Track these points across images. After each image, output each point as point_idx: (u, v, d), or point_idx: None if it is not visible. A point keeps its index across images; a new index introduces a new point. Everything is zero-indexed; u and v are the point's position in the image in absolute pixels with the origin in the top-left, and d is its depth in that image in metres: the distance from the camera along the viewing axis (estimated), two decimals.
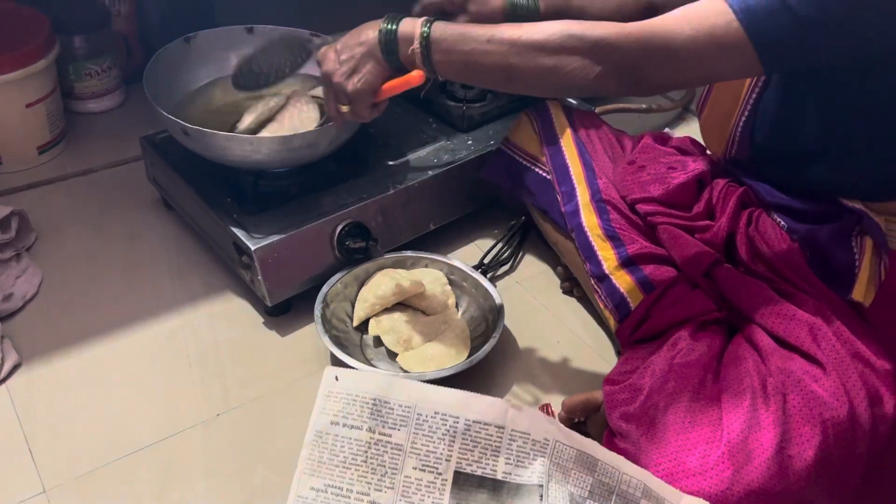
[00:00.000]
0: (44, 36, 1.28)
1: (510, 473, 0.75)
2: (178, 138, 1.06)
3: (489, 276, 1.16)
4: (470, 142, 1.23)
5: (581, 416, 0.91)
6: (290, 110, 1.14)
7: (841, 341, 0.80)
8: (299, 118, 1.12)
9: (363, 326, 1.06)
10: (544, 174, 1.10)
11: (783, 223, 0.91)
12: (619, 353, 1.05)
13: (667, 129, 1.30)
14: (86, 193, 1.29)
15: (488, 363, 1.02)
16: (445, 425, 0.76)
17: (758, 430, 0.74)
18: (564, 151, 1.09)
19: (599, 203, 1.02)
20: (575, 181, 1.05)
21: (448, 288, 1.10)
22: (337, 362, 0.98)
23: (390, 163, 1.17)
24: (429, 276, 1.11)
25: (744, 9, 0.72)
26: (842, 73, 0.79)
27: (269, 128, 1.13)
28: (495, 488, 0.75)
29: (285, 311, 1.09)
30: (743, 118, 0.92)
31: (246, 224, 1.04)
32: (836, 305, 0.84)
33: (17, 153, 1.31)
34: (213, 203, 1.08)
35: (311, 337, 1.04)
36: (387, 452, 0.75)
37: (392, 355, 1.03)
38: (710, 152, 1.03)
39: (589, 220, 1.01)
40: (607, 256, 0.97)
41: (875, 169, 0.84)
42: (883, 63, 0.76)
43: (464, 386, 0.96)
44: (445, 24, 0.81)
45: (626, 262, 0.96)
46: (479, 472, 0.75)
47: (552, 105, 1.15)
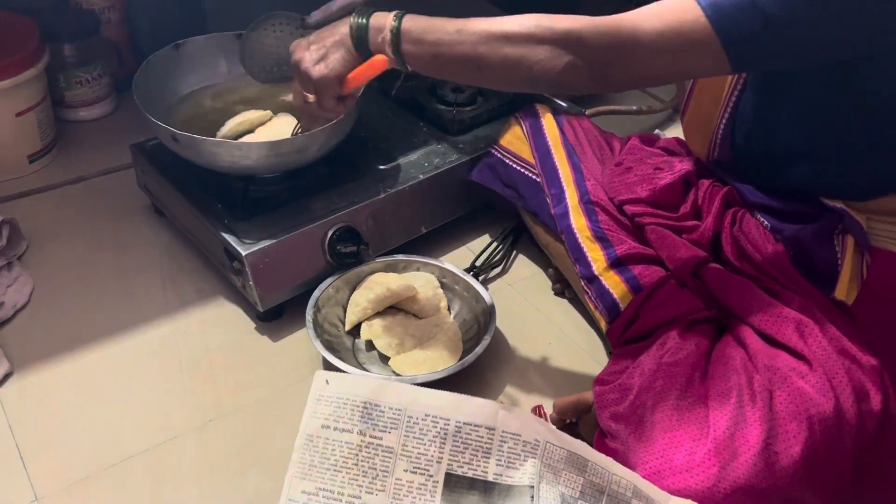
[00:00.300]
0: (33, 45, 1.28)
1: (501, 475, 0.75)
2: (168, 145, 1.06)
3: (481, 278, 1.16)
4: (461, 145, 1.23)
5: (572, 417, 0.92)
6: (271, 123, 1.15)
7: (827, 338, 0.80)
8: (277, 130, 1.12)
9: (355, 331, 1.06)
10: (534, 177, 1.11)
11: (766, 223, 0.91)
12: (610, 354, 1.05)
13: (657, 131, 1.30)
14: (77, 201, 1.29)
15: (480, 365, 1.02)
16: (436, 427, 0.76)
17: (744, 427, 0.74)
18: (553, 154, 1.10)
19: (588, 205, 1.02)
20: (564, 183, 1.06)
21: (440, 291, 1.10)
22: (329, 367, 0.98)
23: (381, 167, 1.17)
24: (420, 279, 1.11)
25: (712, 5, 0.72)
26: (817, 75, 0.79)
27: (249, 136, 1.14)
28: (486, 490, 0.75)
29: (277, 317, 1.09)
30: (723, 121, 0.92)
31: (236, 230, 1.04)
32: (822, 303, 0.84)
33: (7, 162, 1.31)
34: (203, 209, 1.08)
35: (304, 342, 1.04)
36: (378, 455, 0.75)
37: (384, 359, 1.03)
38: (694, 154, 1.04)
39: (578, 221, 1.01)
40: (596, 258, 0.98)
41: (855, 169, 0.84)
42: (858, 66, 0.76)
43: (456, 388, 0.95)
44: (416, 16, 0.82)
45: (614, 263, 0.96)
46: (471, 474, 0.75)
47: (541, 108, 1.16)
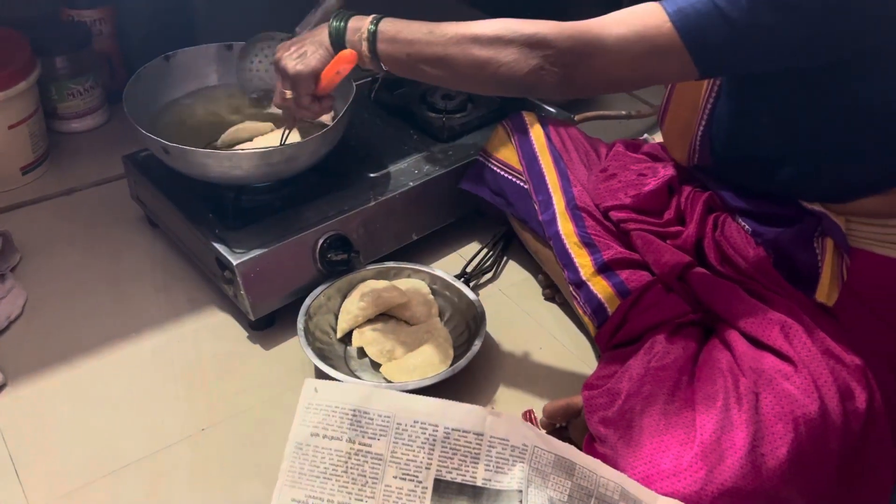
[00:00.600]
0: (25, 57, 1.29)
1: (490, 480, 0.75)
2: (159, 156, 1.07)
3: (472, 284, 1.17)
4: (451, 152, 1.24)
5: (562, 421, 0.92)
6: (271, 134, 1.16)
7: (812, 339, 0.81)
8: (274, 141, 1.13)
9: (347, 338, 1.07)
10: (522, 184, 1.12)
11: (747, 227, 0.92)
12: (600, 358, 1.06)
13: (645, 135, 1.31)
14: (70, 213, 1.29)
15: (472, 371, 1.02)
16: (425, 434, 0.76)
17: (730, 430, 0.75)
18: (540, 161, 1.10)
19: (574, 211, 1.03)
20: (551, 190, 1.07)
21: (431, 297, 1.11)
22: (321, 375, 0.98)
23: (371, 175, 1.18)
24: (411, 286, 1.11)
25: (677, 11, 0.73)
26: (791, 80, 0.80)
27: (247, 145, 1.14)
28: (475, 495, 0.75)
29: (269, 325, 1.10)
30: (701, 128, 0.93)
31: (228, 239, 1.05)
32: (806, 305, 0.85)
33: (0, 174, 1.32)
34: (195, 219, 1.09)
35: (296, 350, 1.05)
36: (367, 462, 0.76)
37: (376, 366, 1.03)
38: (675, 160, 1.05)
39: (565, 227, 1.02)
40: (584, 263, 0.99)
41: (831, 173, 0.85)
42: (832, 71, 0.77)
43: (448, 394, 0.96)
44: (392, 19, 0.84)
45: (602, 268, 0.97)
46: (459, 480, 0.75)
47: (528, 115, 1.16)
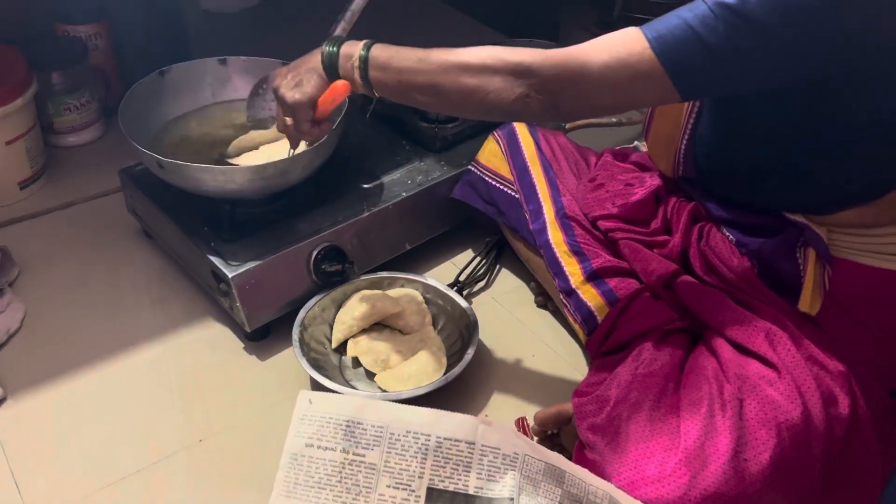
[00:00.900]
0: (22, 73, 1.30)
1: (482, 488, 0.77)
2: (154, 171, 1.08)
3: (465, 292, 1.18)
4: (443, 162, 1.25)
5: (553, 428, 0.94)
6: (277, 143, 1.17)
7: (796, 346, 0.82)
8: (278, 150, 1.14)
9: (342, 348, 1.08)
10: (513, 194, 1.13)
11: (732, 237, 0.93)
12: (590, 365, 1.07)
13: (636, 143, 1.32)
14: (67, 227, 1.31)
15: (465, 379, 1.03)
16: (417, 443, 0.78)
17: (714, 436, 0.76)
18: (531, 171, 1.12)
19: (564, 220, 1.05)
20: (541, 199, 1.08)
21: (424, 307, 1.12)
22: (316, 385, 1.00)
23: (364, 185, 1.19)
24: (405, 295, 1.13)
25: (658, 38, 0.74)
26: (771, 98, 0.81)
27: (252, 153, 1.16)
28: (468, 503, 0.77)
29: (264, 336, 1.11)
30: (684, 142, 0.95)
31: (223, 252, 1.06)
32: (790, 313, 0.86)
33: None
34: (190, 232, 1.10)
35: (291, 360, 1.06)
36: (361, 472, 0.77)
37: (370, 375, 1.04)
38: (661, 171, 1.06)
39: (555, 236, 1.04)
40: (573, 271, 1.00)
41: (813, 186, 0.86)
42: (808, 89, 0.78)
43: (442, 402, 0.98)
44: (383, 45, 0.85)
45: (591, 277, 0.99)
46: (452, 488, 0.77)
47: (518, 126, 1.18)
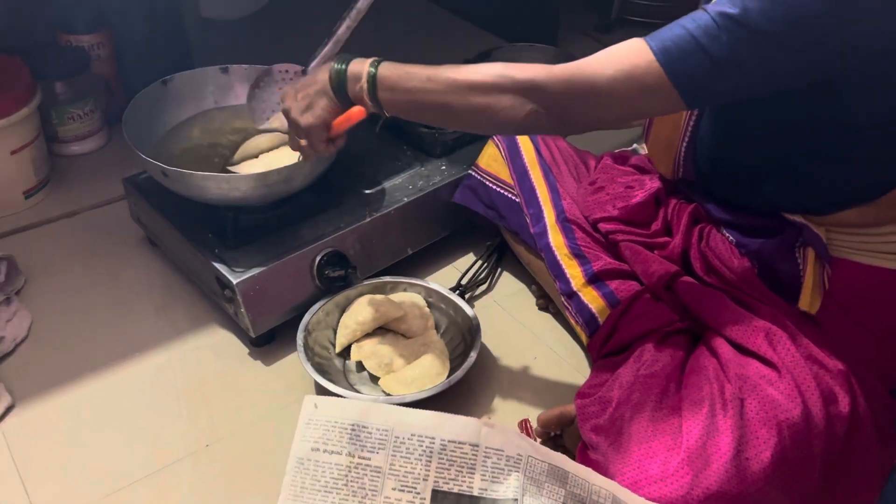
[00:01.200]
0: (25, 84, 1.31)
1: (486, 489, 0.78)
2: (158, 179, 1.09)
3: (467, 296, 1.19)
4: (443, 167, 1.26)
5: (556, 430, 0.94)
6: (278, 150, 1.18)
7: (796, 345, 0.83)
8: (278, 156, 1.15)
9: (345, 352, 1.09)
10: (513, 198, 1.14)
11: (732, 238, 0.94)
12: (592, 367, 1.08)
13: (634, 146, 1.33)
14: (72, 235, 1.32)
15: (468, 381, 1.05)
16: (422, 446, 0.79)
17: (716, 436, 0.77)
18: (531, 175, 1.13)
19: (564, 223, 1.06)
20: (542, 203, 1.09)
21: (427, 310, 1.13)
22: (321, 389, 1.00)
23: (366, 191, 1.20)
24: (408, 299, 1.14)
25: (662, 50, 0.75)
26: (772, 101, 0.82)
27: (252, 161, 1.17)
28: None
29: (269, 341, 1.12)
30: (684, 145, 0.96)
31: (227, 259, 1.07)
32: (790, 313, 0.87)
33: (3, 199, 1.34)
34: (195, 239, 1.11)
35: (296, 365, 1.07)
36: (366, 475, 0.78)
37: (374, 379, 1.05)
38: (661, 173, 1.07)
39: (556, 239, 1.05)
40: (574, 274, 1.01)
41: (812, 187, 0.87)
42: (809, 91, 0.79)
43: (445, 405, 0.99)
44: (391, 64, 0.86)
45: (592, 279, 1.00)
46: (457, 490, 0.78)
47: None
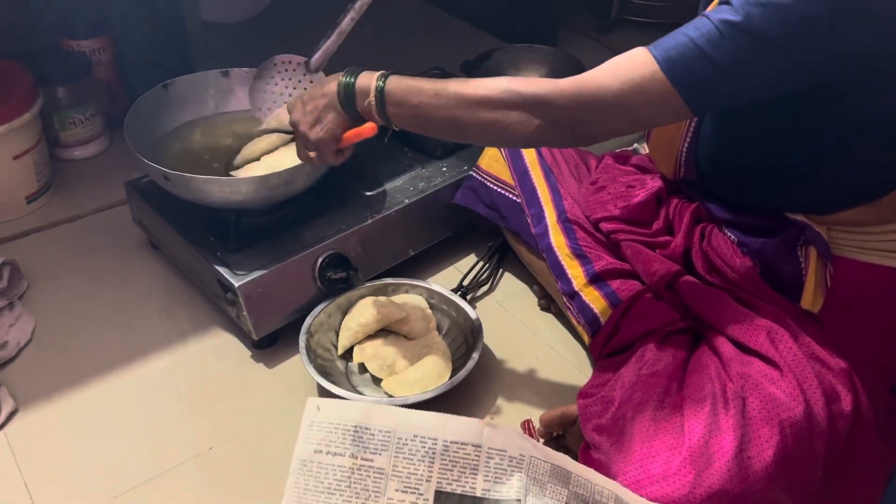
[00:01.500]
0: (27, 89, 1.32)
1: (489, 490, 0.78)
2: (160, 182, 1.09)
3: (469, 297, 1.19)
4: (444, 168, 1.26)
5: (558, 430, 0.95)
6: (279, 151, 1.18)
7: (798, 344, 0.83)
8: (278, 158, 1.16)
9: (348, 354, 1.09)
10: (514, 198, 1.14)
11: (733, 237, 0.94)
12: (594, 367, 1.08)
13: (635, 145, 1.33)
14: (74, 239, 1.32)
15: (470, 382, 1.05)
16: (424, 447, 0.79)
17: (718, 434, 0.77)
18: (531, 175, 1.13)
19: (566, 223, 1.06)
20: (543, 203, 1.09)
21: (429, 312, 1.13)
22: (323, 391, 1.01)
23: (367, 193, 1.21)
24: (410, 301, 1.14)
25: (666, 59, 0.75)
26: (773, 103, 0.82)
27: (253, 164, 1.17)
28: None
29: (271, 344, 1.12)
30: (685, 146, 0.96)
31: (229, 262, 1.08)
32: (792, 312, 0.87)
33: (5, 204, 1.35)
34: (196, 243, 1.12)
35: (298, 367, 1.07)
36: (369, 477, 0.78)
37: (377, 381, 1.06)
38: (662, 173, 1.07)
39: (557, 240, 1.05)
40: (576, 274, 1.01)
41: (814, 187, 0.87)
42: (811, 92, 0.79)
43: (448, 406, 0.99)
44: (399, 79, 0.86)
45: (593, 279, 1.00)
46: (459, 491, 0.78)
47: None
